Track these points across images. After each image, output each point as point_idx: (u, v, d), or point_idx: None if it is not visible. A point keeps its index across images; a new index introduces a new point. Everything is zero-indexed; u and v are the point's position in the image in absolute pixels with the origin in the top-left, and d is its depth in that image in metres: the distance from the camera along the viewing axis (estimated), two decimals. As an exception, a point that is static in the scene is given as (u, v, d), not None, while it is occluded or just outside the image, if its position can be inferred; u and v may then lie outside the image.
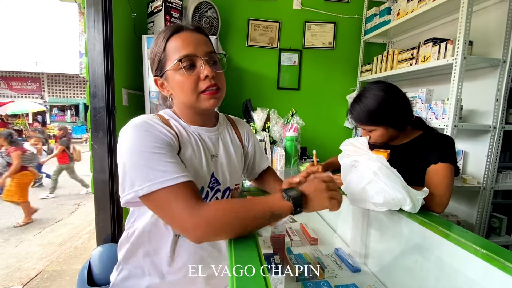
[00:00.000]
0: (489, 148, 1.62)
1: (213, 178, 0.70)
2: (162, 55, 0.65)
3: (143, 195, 0.54)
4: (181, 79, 0.63)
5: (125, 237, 0.69)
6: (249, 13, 2.47)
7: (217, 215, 0.52)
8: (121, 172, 0.57)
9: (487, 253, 0.55)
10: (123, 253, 0.69)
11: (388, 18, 2.18)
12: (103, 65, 1.54)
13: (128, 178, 0.55)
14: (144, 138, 0.57)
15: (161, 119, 0.65)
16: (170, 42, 0.64)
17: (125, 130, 0.59)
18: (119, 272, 0.70)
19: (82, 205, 3.82)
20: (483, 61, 1.55)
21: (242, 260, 0.48)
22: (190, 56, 0.63)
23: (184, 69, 0.63)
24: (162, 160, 0.55)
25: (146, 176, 0.54)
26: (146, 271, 0.68)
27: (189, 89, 0.63)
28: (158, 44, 0.65)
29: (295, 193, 0.57)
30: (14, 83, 12.61)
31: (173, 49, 0.63)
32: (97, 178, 1.60)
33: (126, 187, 0.56)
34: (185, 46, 0.63)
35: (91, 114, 1.57)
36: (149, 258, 0.67)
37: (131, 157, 0.55)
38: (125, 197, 0.56)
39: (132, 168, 0.55)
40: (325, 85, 2.64)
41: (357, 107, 1.02)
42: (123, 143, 0.58)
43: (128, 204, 0.59)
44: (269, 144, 1.67)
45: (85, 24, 1.59)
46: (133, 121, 0.61)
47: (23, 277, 2.13)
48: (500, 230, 1.74)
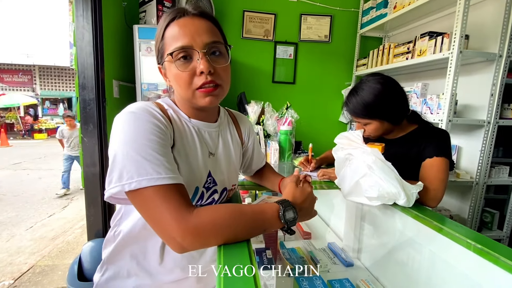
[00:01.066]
0: (482, 143, 1.62)
1: (209, 177, 0.65)
2: (161, 44, 0.59)
3: (130, 191, 0.48)
4: (176, 72, 0.57)
5: (111, 236, 0.65)
6: (244, 4, 2.42)
7: (207, 224, 0.48)
8: (110, 162, 0.51)
9: (481, 247, 0.55)
10: (107, 252, 0.65)
11: (384, 11, 2.15)
12: (92, 55, 1.50)
13: (117, 170, 0.49)
14: (141, 127, 0.51)
15: (160, 107, 0.59)
16: (169, 29, 0.57)
17: (120, 117, 0.53)
18: (103, 273, 0.66)
19: (75, 200, 3.77)
20: (479, 56, 1.54)
21: (231, 258, 0.46)
22: (186, 49, 0.56)
23: (179, 63, 0.56)
24: (157, 155, 0.50)
25: (137, 170, 0.48)
26: (133, 272, 0.64)
27: (184, 84, 0.57)
28: (158, 30, 0.60)
29: (292, 216, 0.54)
30: (5, 76, 12.32)
31: (170, 38, 0.57)
32: (88, 172, 1.56)
33: (113, 179, 0.49)
34: (182, 36, 0.56)
35: (80, 106, 1.53)
36: (136, 260, 0.63)
37: (124, 147, 0.49)
38: (110, 189, 0.50)
39: (123, 160, 0.49)
40: (321, 79, 2.62)
41: (353, 99, 0.99)
42: (116, 131, 0.52)
43: (111, 199, 0.52)
44: (263, 137, 1.65)
45: (73, 13, 1.53)
46: (129, 107, 0.54)
47: (14, 272, 2.09)
48: (492, 224, 1.76)
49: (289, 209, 0.54)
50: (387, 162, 0.76)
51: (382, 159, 0.76)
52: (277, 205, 0.54)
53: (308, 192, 0.63)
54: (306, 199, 0.61)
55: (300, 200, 0.59)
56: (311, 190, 0.64)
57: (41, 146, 8.63)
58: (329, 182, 1.03)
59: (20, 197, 3.81)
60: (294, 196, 0.60)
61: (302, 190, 0.62)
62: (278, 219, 0.53)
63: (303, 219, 0.62)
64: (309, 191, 0.63)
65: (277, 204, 0.55)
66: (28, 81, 12.58)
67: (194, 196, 0.62)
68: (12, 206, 3.47)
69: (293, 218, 0.54)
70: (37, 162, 6.12)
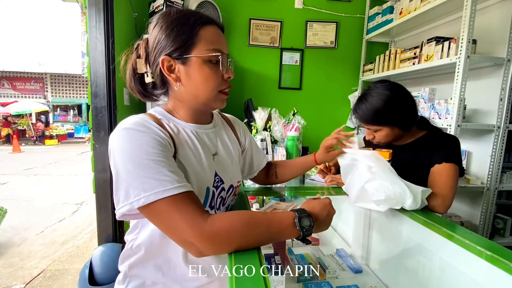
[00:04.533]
0: (493, 148, 1.60)
1: (216, 177, 0.66)
2: (192, 38, 0.58)
3: (141, 207, 0.49)
4: (209, 72, 0.59)
5: (129, 249, 0.64)
6: (250, 12, 2.46)
7: (222, 233, 0.48)
8: (115, 181, 0.51)
9: (491, 254, 0.54)
10: (127, 265, 0.64)
11: (390, 17, 2.16)
12: (104, 64, 1.54)
13: (123, 189, 0.49)
14: (138, 142, 0.51)
15: (154, 119, 0.58)
16: (206, 29, 0.59)
17: (116, 134, 0.53)
18: (127, 284, 0.65)
19: (84, 205, 3.83)
20: (487, 60, 1.53)
21: (242, 260, 0.48)
22: (224, 54, 0.61)
23: (214, 63, 0.60)
24: (160, 167, 0.50)
25: (142, 186, 0.48)
26: (159, 281, 0.64)
27: (213, 85, 0.60)
28: (188, 22, 0.58)
29: (308, 223, 0.53)
30: (18, 83, 12.71)
31: (207, 38, 0.59)
32: (99, 177, 1.60)
33: (120, 198, 0.50)
34: (220, 42, 0.61)
35: (92, 114, 1.58)
36: (161, 271, 0.63)
37: (125, 164, 0.50)
38: (119, 209, 0.50)
39: (126, 178, 0.49)
40: (327, 84, 2.63)
41: (362, 106, 0.99)
42: (114, 149, 0.52)
43: (125, 216, 0.53)
44: (270, 143, 1.66)
45: (86, 24, 1.59)
46: (123, 123, 0.53)
47: (25, 276, 2.13)
48: (504, 231, 1.72)
49: (305, 217, 0.54)
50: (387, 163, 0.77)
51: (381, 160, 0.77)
52: (293, 213, 0.54)
53: (326, 203, 0.61)
54: (323, 210, 0.59)
55: (317, 210, 0.57)
56: (329, 201, 0.62)
57: (52, 152, 8.81)
58: (337, 188, 1.03)
59: (31, 202, 3.89)
60: (311, 206, 0.59)
61: (320, 201, 0.61)
62: (294, 226, 0.53)
63: (319, 230, 0.58)
64: (327, 202, 0.61)
65: (293, 211, 0.55)
66: (40, 89, 12.95)
67: (207, 197, 0.63)
68: (24, 210, 3.55)
69: (309, 226, 0.53)
70: (48, 168, 6.26)
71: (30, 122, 11.27)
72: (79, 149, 9.46)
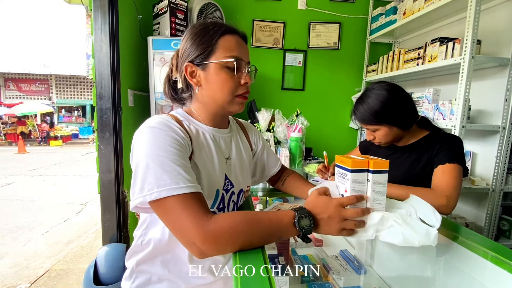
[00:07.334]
0: (498, 149, 1.58)
1: (227, 180, 0.69)
2: (211, 47, 0.64)
3: (152, 201, 0.52)
4: (225, 77, 0.64)
5: (138, 245, 0.67)
6: (253, 14, 2.47)
7: (225, 231, 0.50)
8: (133, 175, 0.55)
9: (496, 256, 0.54)
10: (135, 261, 0.67)
11: (394, 17, 2.16)
12: (109, 66, 1.56)
13: (139, 182, 0.53)
14: (160, 140, 0.55)
15: (176, 119, 0.63)
16: (224, 38, 0.64)
17: (141, 131, 0.57)
18: (133, 280, 0.67)
19: (88, 205, 3.86)
20: (491, 61, 1.52)
21: (247, 260, 0.48)
22: (241, 60, 0.65)
23: (230, 69, 0.64)
24: (175, 165, 0.53)
25: (157, 182, 0.51)
26: (165, 277, 0.66)
27: (229, 89, 0.64)
28: (209, 33, 0.64)
29: (308, 223, 0.53)
30: (23, 85, 12.85)
31: (225, 46, 0.64)
32: (103, 178, 1.61)
33: (136, 191, 0.54)
34: (238, 49, 0.65)
35: (97, 115, 1.59)
36: (168, 267, 0.66)
37: (144, 160, 0.53)
38: (134, 201, 0.54)
39: (144, 172, 0.53)
40: (330, 85, 2.63)
41: (360, 107, 1.01)
42: (137, 145, 0.56)
43: (137, 209, 0.57)
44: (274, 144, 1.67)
45: (92, 26, 1.61)
46: (148, 122, 0.59)
47: (31, 276, 2.16)
48: (509, 232, 1.70)
49: (304, 217, 0.54)
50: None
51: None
52: (293, 212, 0.54)
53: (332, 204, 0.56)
54: (325, 210, 0.55)
55: (318, 210, 0.55)
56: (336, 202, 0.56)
57: (56, 153, 8.89)
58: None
59: (36, 202, 3.93)
60: (313, 205, 0.56)
61: (324, 200, 0.57)
62: (293, 226, 0.53)
63: (323, 231, 0.56)
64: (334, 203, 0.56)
65: (293, 211, 0.55)
66: (45, 90, 13.08)
67: (216, 199, 0.65)
68: (29, 211, 3.59)
69: (308, 225, 0.53)
70: (53, 168, 6.32)
71: (35, 123, 11.39)
72: (83, 150, 9.54)
